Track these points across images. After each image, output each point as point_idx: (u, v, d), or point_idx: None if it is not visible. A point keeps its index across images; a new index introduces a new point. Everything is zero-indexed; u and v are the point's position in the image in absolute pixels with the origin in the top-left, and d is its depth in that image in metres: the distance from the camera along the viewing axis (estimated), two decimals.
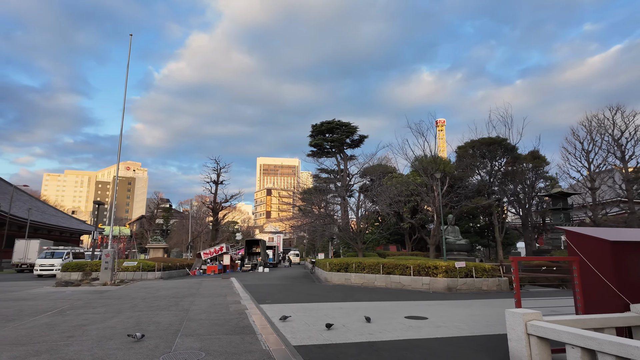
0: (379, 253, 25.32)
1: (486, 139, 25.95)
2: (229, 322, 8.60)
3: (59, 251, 27.90)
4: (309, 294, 14.71)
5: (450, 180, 24.28)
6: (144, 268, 23.62)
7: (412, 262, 17.58)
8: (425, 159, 24.84)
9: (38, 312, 9.99)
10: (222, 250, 32.46)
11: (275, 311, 10.29)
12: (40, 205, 62.77)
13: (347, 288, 17.38)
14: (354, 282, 18.71)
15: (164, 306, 11.16)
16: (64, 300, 12.45)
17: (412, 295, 14.64)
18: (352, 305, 11.54)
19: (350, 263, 19.24)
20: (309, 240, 55.13)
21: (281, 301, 12.61)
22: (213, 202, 43.98)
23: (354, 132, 32.12)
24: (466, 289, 16.29)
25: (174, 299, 13.02)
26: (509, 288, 16.93)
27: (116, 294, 14.38)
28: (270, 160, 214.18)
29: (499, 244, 25.64)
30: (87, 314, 9.70)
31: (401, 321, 8.98)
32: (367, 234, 22.95)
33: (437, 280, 16.41)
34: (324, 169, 34.67)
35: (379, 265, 18.22)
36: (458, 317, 9.69)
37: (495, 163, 26.41)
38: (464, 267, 16.73)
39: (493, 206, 24.58)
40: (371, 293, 15.41)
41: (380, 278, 17.97)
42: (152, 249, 33.73)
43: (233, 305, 11.41)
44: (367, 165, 28.99)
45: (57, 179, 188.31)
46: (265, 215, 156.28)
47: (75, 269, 22.68)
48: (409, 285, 17.04)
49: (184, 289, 16.38)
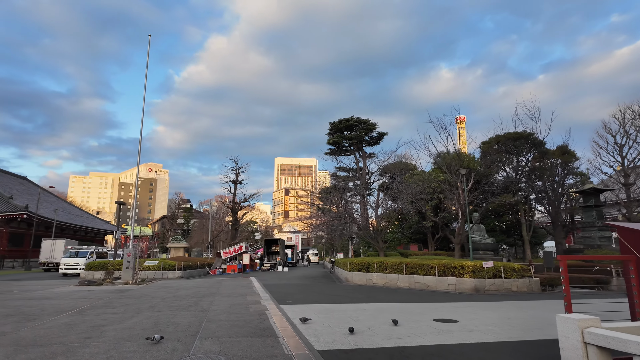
0: (401, 253, 24.64)
1: (512, 134, 24.87)
2: (249, 324, 8.28)
3: (82, 250, 28.44)
4: (330, 295, 14.29)
5: (474, 177, 23.39)
6: (165, 267, 23.72)
7: (437, 262, 16.93)
8: (448, 155, 24.01)
9: (59, 312, 9.93)
10: (242, 249, 32.43)
11: (296, 312, 9.92)
12: (67, 206, 64.64)
13: (368, 288, 16.88)
14: (376, 283, 18.19)
15: (184, 306, 10.96)
16: (85, 300, 12.44)
17: (438, 297, 14.03)
18: (376, 307, 11.05)
19: (371, 263, 18.73)
20: (327, 239, 54.74)
21: (302, 302, 12.24)
22: (232, 202, 44.15)
23: (373, 129, 31.51)
24: (494, 290, 15.54)
25: (194, 298, 12.85)
26: (540, 289, 16.09)
27: (136, 294, 14.34)
28: (287, 161, 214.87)
29: (527, 243, 24.55)
30: (106, 314, 9.57)
31: (430, 324, 8.46)
32: (388, 233, 22.36)
33: (463, 281, 15.72)
34: (342, 167, 34.17)
35: (401, 265, 17.64)
36: (490, 320, 9.08)
37: (522, 159, 25.31)
38: (492, 267, 15.97)
39: (520, 204, 23.54)
40: (394, 294, 14.87)
41: (403, 278, 17.39)
42: (173, 249, 34.04)
43: (253, 305, 11.11)
44: (387, 163, 28.34)
45: (83, 180, 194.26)
46: (284, 215, 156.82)
47: (98, 268, 22.98)
48: (433, 286, 16.40)
49: (203, 289, 16.24)
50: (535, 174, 24.90)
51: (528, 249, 24.67)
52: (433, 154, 23.22)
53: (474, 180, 22.48)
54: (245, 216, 59.50)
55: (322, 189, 40.96)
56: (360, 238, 26.63)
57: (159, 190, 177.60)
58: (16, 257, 42.49)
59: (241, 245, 33.20)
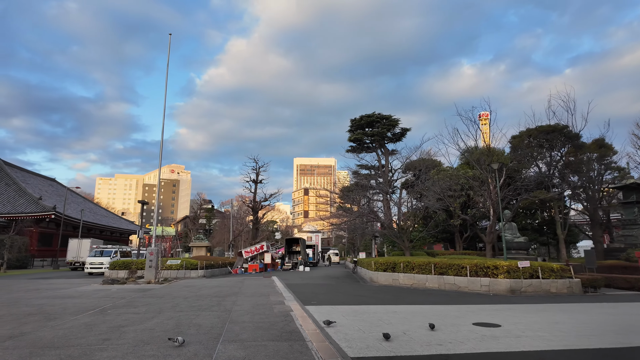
0: (427, 252, 23.77)
1: (545, 127, 23.52)
2: (274, 326, 7.78)
3: (107, 250, 28.80)
4: (356, 295, 13.68)
5: (505, 173, 22.23)
6: (187, 266, 23.65)
7: (468, 262, 16.04)
8: (476, 150, 22.88)
9: (80, 311, 9.71)
10: (263, 248, 32.18)
11: (322, 313, 9.37)
12: (93, 207, 66.34)
13: (395, 289, 16.16)
14: (403, 283, 17.43)
15: (206, 306, 10.59)
16: (107, 299, 12.27)
17: (471, 298, 13.20)
18: (408, 309, 10.37)
19: (397, 262, 17.99)
20: (348, 239, 54.04)
21: (328, 302, 11.68)
22: (253, 201, 44.10)
23: (396, 125, 30.64)
24: (532, 292, 14.55)
25: (216, 298, 12.49)
26: (582, 291, 14.99)
27: (159, 293, 14.13)
28: (306, 161, 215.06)
29: (562, 242, 23.18)
30: (127, 314, 9.27)
31: (471, 329, 7.73)
32: (414, 232, 21.54)
33: (497, 282, 14.79)
34: (363, 164, 33.41)
35: (430, 265, 16.83)
36: (536, 325, 8.27)
37: (556, 153, 23.92)
38: (529, 267, 14.98)
39: (555, 200, 22.20)
40: (424, 295, 14.12)
41: (432, 279, 16.58)
42: (195, 248, 34.16)
43: (277, 306, 10.63)
44: (411, 160, 27.45)
45: (109, 182, 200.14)
46: (303, 215, 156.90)
47: (121, 267, 23.11)
48: (465, 287, 15.53)
49: (226, 288, 15.93)
50: (569, 169, 23.48)
51: (563, 248, 23.28)
52: (462, 148, 22.12)
53: (505, 175, 21.34)
54: (266, 216, 59.53)
55: (343, 188, 40.33)
56: (385, 237, 25.82)
57: (182, 191, 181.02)
58: (46, 257, 43.76)
59: (262, 245, 32.97)
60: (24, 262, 37.92)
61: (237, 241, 52.47)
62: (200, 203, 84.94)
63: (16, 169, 51.95)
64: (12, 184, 46.33)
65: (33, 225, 43.23)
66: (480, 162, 20.92)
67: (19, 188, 45.81)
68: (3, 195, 44.11)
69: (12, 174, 48.16)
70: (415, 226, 21.33)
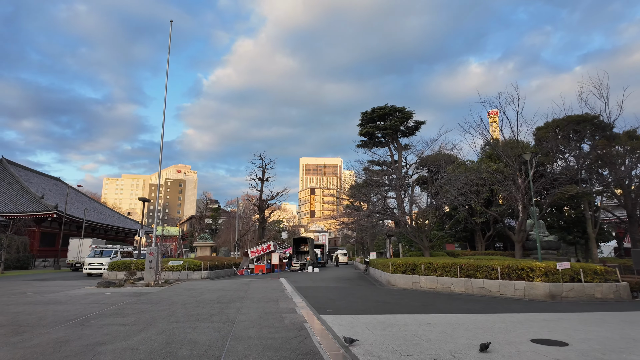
0: (448, 253, 22.14)
1: (574, 117, 21.72)
2: (286, 343, 6.27)
3: (107, 250, 27.53)
4: (377, 301, 12.10)
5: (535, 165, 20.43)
6: (190, 268, 22.27)
7: (499, 263, 14.40)
8: (497, 143, 21.16)
9: (58, 322, 8.29)
10: (270, 248, 30.72)
11: (343, 326, 7.85)
12: (98, 207, 65.45)
13: (417, 293, 14.57)
14: (424, 287, 15.83)
15: (206, 315, 9.11)
16: (96, 305, 10.85)
17: (508, 305, 11.58)
18: (443, 320, 8.79)
19: (418, 264, 16.38)
20: (357, 239, 52.43)
21: (346, 310, 10.14)
22: (259, 200, 42.71)
23: (409, 118, 28.99)
24: (574, 297, 12.89)
25: (219, 304, 11.02)
26: (630, 296, 13.29)
27: (156, 297, 12.70)
28: (312, 161, 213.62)
29: (593, 241, 21.38)
30: (112, 326, 7.82)
31: (534, 349, 6.14)
32: (433, 231, 19.90)
33: (534, 285, 13.14)
34: (375, 160, 31.80)
35: (455, 266, 15.21)
36: (612, 342, 6.66)
37: (585, 145, 22.13)
38: (569, 268, 13.32)
39: (586, 195, 20.43)
40: (452, 301, 12.51)
41: (457, 282, 14.96)
42: (200, 248, 32.79)
43: (288, 315, 9.12)
44: (426, 154, 25.78)
45: (115, 182, 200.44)
46: (310, 215, 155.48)
47: (120, 268, 21.83)
48: (496, 291, 13.90)
49: (230, 291, 14.47)
50: (599, 162, 21.65)
51: (594, 248, 21.48)
52: (488, 139, 20.23)
53: (534, 169, 19.56)
54: (272, 215, 58.15)
55: (352, 185, 38.75)
56: (401, 236, 24.20)
57: (188, 191, 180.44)
58: (48, 257, 42.76)
59: (269, 244, 31.51)
60: (25, 262, 36.88)
61: (243, 241, 51.11)
62: (206, 203, 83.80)
63: (20, 168, 51.10)
64: (14, 182, 45.41)
65: (35, 225, 42.25)
66: (508, 154, 19.18)
67: (21, 187, 44.87)
68: (5, 194, 43.16)
69: (15, 172, 47.27)
70: (435, 224, 19.65)
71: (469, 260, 15.51)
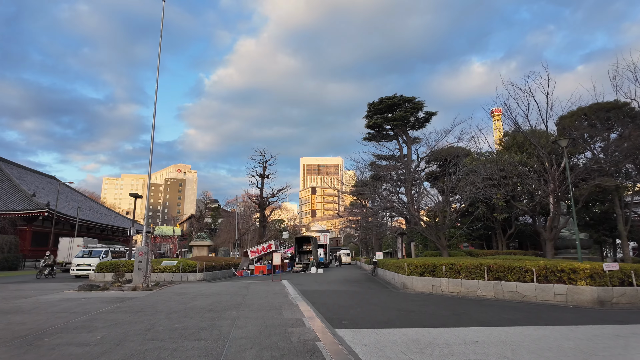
0: (467, 252, 20.33)
1: (603, 104, 19.87)
2: None
3: (97, 249, 25.71)
4: (399, 310, 10.28)
5: (556, 159, 18.64)
6: (184, 269, 20.49)
7: (532, 264, 12.58)
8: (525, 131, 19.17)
9: (1, 341, 6.49)
10: (271, 248, 28.91)
11: (367, 346, 6.06)
12: (94, 205, 63.72)
13: (440, 299, 12.77)
14: (446, 291, 14.02)
15: (193, 329, 7.32)
16: (63, 315, 9.06)
17: (553, 313, 9.78)
18: (491, 336, 6.96)
19: (438, 265, 14.57)
20: (362, 238, 50.58)
21: (365, 323, 8.33)
22: (259, 197, 40.91)
23: (420, 109, 27.18)
24: (626, 303, 11.09)
25: (211, 313, 9.23)
26: None
27: (138, 304, 10.90)
28: (313, 160, 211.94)
29: (624, 239, 19.55)
30: (67, 346, 6.03)
31: None
32: (452, 229, 18.14)
33: (578, 290, 11.32)
34: (382, 155, 29.96)
35: (481, 267, 13.40)
36: None
37: (614, 134, 20.26)
38: (617, 270, 11.51)
39: (621, 189, 18.64)
40: (485, 308, 10.71)
41: (485, 285, 13.15)
42: (196, 247, 30.96)
43: (295, 329, 7.32)
44: (440, 146, 23.96)
45: (115, 182, 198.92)
46: (311, 214, 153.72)
47: (109, 270, 20.09)
48: (532, 296, 12.09)
49: (226, 296, 12.68)
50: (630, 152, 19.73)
51: (626, 247, 19.68)
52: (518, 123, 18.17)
53: (557, 162, 17.78)
54: (273, 214, 56.32)
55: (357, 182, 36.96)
56: (413, 235, 22.40)
57: (188, 190, 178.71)
58: (39, 257, 40.81)
59: (270, 244, 29.71)
60: (14, 263, 35.15)
61: (242, 240, 49.33)
62: (205, 202, 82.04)
63: (12, 165, 49.35)
64: (5, 180, 43.64)
65: (26, 224, 40.57)
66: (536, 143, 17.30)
67: (12, 184, 43.10)
68: None
69: (6, 169, 45.50)
70: (452, 222, 17.82)
71: (497, 261, 13.69)
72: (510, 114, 17.42)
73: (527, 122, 17.04)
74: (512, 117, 17.42)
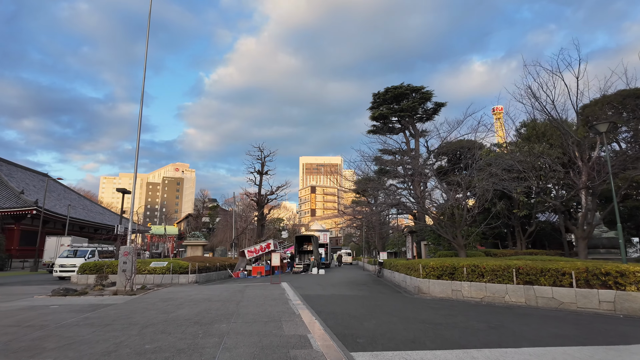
0: (486, 252, 18.69)
1: (627, 91, 18.27)
2: None
3: (82, 249, 23.97)
4: (423, 322, 8.60)
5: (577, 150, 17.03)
6: (175, 270, 18.83)
7: (570, 266, 10.92)
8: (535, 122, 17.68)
9: None
10: (270, 247, 27.22)
11: None
12: (87, 204, 61.93)
13: (464, 306, 11.11)
14: (468, 296, 12.36)
15: (167, 352, 5.64)
16: (13, 331, 7.38)
17: (609, 325, 8.14)
18: None
19: (458, 266, 12.91)
20: (364, 237, 48.91)
21: (387, 341, 6.66)
22: (258, 195, 39.23)
23: (429, 99, 25.52)
24: None
25: (195, 327, 7.56)
26: None
27: (112, 314, 9.22)
28: (312, 159, 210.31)
29: None
30: None
31: None
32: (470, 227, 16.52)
33: (629, 297, 9.67)
34: (387, 149, 28.26)
35: (509, 269, 11.74)
36: None
37: None
38: None
39: None
40: (522, 319, 9.05)
41: (514, 290, 11.49)
42: (190, 247, 29.22)
43: (299, 353, 5.65)
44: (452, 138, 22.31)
45: (113, 181, 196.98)
46: (310, 213, 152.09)
47: (93, 271, 18.45)
48: (571, 303, 10.43)
49: (218, 303, 11.00)
50: None
51: None
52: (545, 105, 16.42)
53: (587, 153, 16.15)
54: (272, 213, 54.63)
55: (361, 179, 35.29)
56: (424, 233, 20.80)
57: (186, 189, 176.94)
58: (28, 257, 39.23)
59: (269, 243, 28.03)
60: (0, 263, 33.43)
61: (240, 240, 47.60)
62: (203, 201, 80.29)
63: (1, 162, 47.58)
64: None
65: (14, 222, 38.81)
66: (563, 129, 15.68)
67: (0, 181, 41.38)
68: None
69: None
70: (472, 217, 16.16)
71: (527, 262, 12.03)
72: (536, 99, 15.71)
73: (554, 108, 15.38)
74: (539, 103, 15.65)
